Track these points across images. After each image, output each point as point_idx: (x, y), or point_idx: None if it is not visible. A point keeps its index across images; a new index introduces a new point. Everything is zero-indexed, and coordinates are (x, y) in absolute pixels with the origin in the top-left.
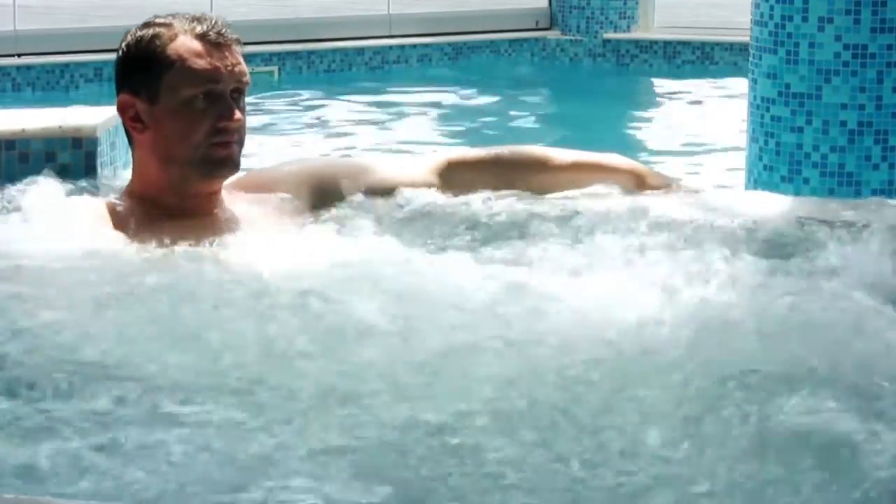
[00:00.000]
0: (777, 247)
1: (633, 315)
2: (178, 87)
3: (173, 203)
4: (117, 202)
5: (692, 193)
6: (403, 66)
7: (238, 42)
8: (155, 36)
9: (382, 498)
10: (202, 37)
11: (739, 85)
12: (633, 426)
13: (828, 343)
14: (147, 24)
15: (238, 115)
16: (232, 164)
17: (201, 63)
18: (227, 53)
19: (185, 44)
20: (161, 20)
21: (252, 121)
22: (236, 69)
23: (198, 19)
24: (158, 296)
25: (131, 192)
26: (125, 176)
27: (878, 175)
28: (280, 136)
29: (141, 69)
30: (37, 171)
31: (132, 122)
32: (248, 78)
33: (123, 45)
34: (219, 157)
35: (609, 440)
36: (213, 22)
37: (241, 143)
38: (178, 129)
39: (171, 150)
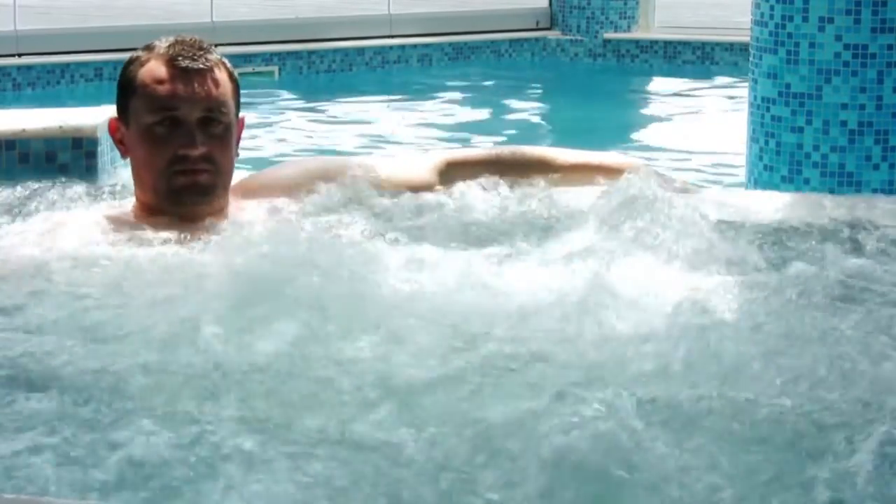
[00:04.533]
0: (777, 246)
1: (631, 312)
2: (140, 114)
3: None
4: (127, 210)
5: (692, 193)
6: (404, 66)
7: (222, 66)
8: (132, 60)
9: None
10: (171, 61)
11: (739, 85)
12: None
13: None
14: (143, 47)
15: (199, 144)
16: (198, 192)
17: (161, 90)
18: (196, 80)
19: (150, 70)
20: (152, 43)
21: (251, 120)
22: (205, 97)
23: (177, 42)
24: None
25: (137, 201)
26: (125, 176)
27: (879, 175)
28: (280, 137)
29: (119, 93)
30: (37, 171)
31: (119, 145)
32: (223, 107)
33: None
34: (180, 185)
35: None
36: (190, 46)
37: (216, 172)
38: (143, 156)
39: (141, 175)
